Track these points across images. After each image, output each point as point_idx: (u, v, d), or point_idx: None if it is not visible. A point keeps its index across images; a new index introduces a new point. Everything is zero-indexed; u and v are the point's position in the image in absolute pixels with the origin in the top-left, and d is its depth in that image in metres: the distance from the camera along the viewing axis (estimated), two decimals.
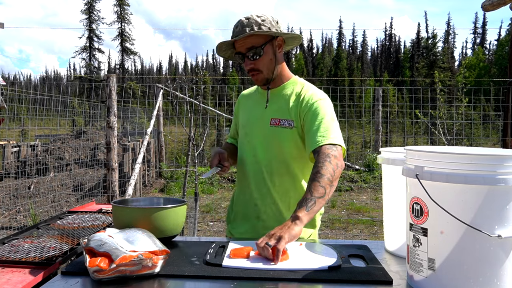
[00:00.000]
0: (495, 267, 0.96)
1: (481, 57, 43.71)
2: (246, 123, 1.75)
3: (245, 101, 1.84)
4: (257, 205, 1.69)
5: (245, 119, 1.76)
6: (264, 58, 1.59)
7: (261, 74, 1.62)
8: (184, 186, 4.50)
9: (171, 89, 6.05)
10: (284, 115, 1.64)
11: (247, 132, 1.73)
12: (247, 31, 1.55)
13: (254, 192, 1.70)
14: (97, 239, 1.12)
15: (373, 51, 71.65)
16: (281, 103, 1.67)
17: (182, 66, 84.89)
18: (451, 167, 0.96)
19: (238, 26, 1.58)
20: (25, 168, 7.48)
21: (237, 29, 1.59)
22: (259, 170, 1.68)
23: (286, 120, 1.63)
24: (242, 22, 1.58)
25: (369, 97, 14.27)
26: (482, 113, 10.10)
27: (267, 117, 1.67)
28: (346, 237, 5.33)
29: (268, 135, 1.65)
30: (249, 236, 1.67)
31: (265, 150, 1.67)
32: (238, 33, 1.57)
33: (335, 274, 1.13)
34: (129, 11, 41.54)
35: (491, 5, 4.79)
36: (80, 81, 41.52)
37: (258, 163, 1.68)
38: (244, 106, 1.83)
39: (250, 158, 1.70)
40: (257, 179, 1.68)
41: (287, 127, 1.62)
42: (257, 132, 1.69)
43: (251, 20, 1.57)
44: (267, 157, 1.66)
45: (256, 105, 1.75)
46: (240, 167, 1.77)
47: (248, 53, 1.59)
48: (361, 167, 8.71)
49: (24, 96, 7.62)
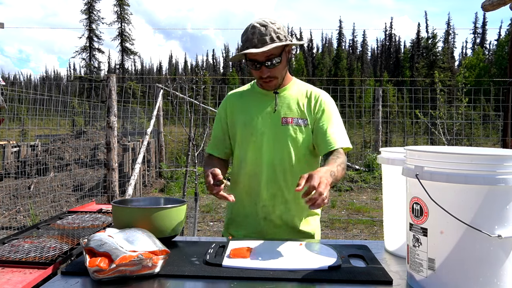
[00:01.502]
0: (495, 267, 0.96)
1: (481, 57, 43.70)
2: (250, 123, 1.70)
3: (239, 101, 1.79)
4: (266, 205, 1.68)
5: (247, 119, 1.72)
6: (280, 66, 1.63)
7: (276, 80, 1.65)
8: (184, 186, 4.50)
9: (171, 89, 6.05)
10: (296, 114, 1.68)
11: (252, 132, 1.69)
12: (267, 40, 1.55)
13: (263, 193, 1.68)
14: (97, 239, 1.12)
15: (373, 51, 71.65)
16: (289, 102, 1.70)
17: (182, 66, 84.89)
18: (451, 167, 0.96)
19: (256, 34, 1.56)
20: (25, 168, 7.48)
21: (254, 37, 1.56)
22: (271, 170, 1.67)
23: (299, 119, 1.67)
24: (260, 30, 1.56)
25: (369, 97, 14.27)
26: (482, 113, 10.10)
27: (276, 116, 1.68)
28: (346, 237, 5.33)
29: (280, 134, 1.66)
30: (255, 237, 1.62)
31: (277, 149, 1.66)
32: (259, 42, 1.55)
33: (335, 274, 1.13)
34: (129, 11, 41.56)
35: (491, 5, 4.80)
36: (80, 81, 41.50)
37: (270, 163, 1.67)
38: (240, 107, 1.77)
39: (259, 158, 1.67)
40: (268, 179, 1.67)
41: (301, 125, 1.67)
42: (267, 132, 1.67)
43: (269, 28, 1.57)
44: (280, 156, 1.67)
45: (257, 105, 1.72)
46: (244, 168, 1.72)
47: (266, 61, 1.59)
48: (361, 167, 8.71)
49: (24, 96, 7.62)
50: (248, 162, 1.70)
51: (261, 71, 1.61)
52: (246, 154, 1.71)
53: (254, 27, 1.58)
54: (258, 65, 1.60)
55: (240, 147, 1.74)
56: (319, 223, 1.81)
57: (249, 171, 1.70)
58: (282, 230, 1.70)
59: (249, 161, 1.70)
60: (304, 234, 1.72)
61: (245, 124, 1.72)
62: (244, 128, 1.72)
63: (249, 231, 1.71)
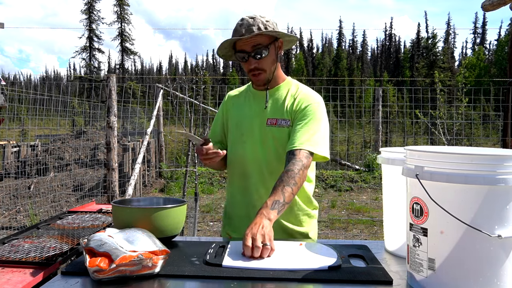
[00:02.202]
0: (495, 267, 0.96)
1: (481, 57, 43.69)
2: (241, 123, 1.72)
3: (235, 102, 1.81)
4: (256, 206, 1.68)
5: (239, 119, 1.74)
6: (268, 58, 1.62)
7: (264, 73, 1.64)
8: (184, 186, 4.50)
9: (171, 89, 6.05)
10: (281, 115, 1.66)
11: (243, 133, 1.71)
12: (254, 30, 1.56)
13: (253, 193, 1.68)
14: (97, 239, 1.12)
15: (373, 51, 71.64)
16: (277, 103, 1.69)
17: (182, 66, 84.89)
18: (451, 167, 0.96)
19: (243, 25, 1.58)
20: (25, 168, 7.48)
21: (242, 28, 1.58)
22: (259, 170, 1.67)
23: (283, 120, 1.66)
24: (248, 21, 1.58)
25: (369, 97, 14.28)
26: (482, 113, 10.09)
27: (263, 117, 1.68)
28: (346, 237, 5.33)
29: (265, 134, 1.66)
30: None
31: (264, 150, 1.67)
32: (246, 31, 1.57)
33: (335, 274, 1.13)
34: (129, 11, 41.57)
35: (491, 5, 4.80)
36: (80, 81, 41.50)
37: (258, 163, 1.67)
38: (235, 106, 1.79)
39: (249, 158, 1.68)
40: (257, 180, 1.68)
41: (283, 126, 1.65)
42: (255, 132, 1.68)
43: (257, 19, 1.59)
44: (267, 157, 1.67)
45: (249, 105, 1.73)
46: (236, 168, 1.73)
47: (253, 51, 1.59)
48: (361, 167, 8.71)
49: (24, 96, 7.62)
50: (239, 163, 1.71)
51: (249, 62, 1.61)
52: (237, 154, 1.72)
53: (242, 19, 1.61)
54: (246, 57, 1.61)
55: (232, 147, 1.75)
56: (315, 224, 1.79)
57: (240, 172, 1.71)
58: (275, 231, 1.70)
59: (240, 161, 1.71)
60: (298, 234, 1.71)
61: (237, 125, 1.74)
62: (235, 128, 1.74)
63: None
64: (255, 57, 1.60)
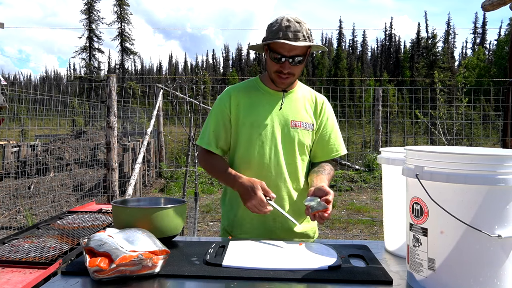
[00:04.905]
0: (495, 267, 0.96)
1: (482, 57, 43.67)
2: (259, 123, 1.66)
3: (245, 100, 1.71)
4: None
5: (255, 118, 1.67)
6: (301, 66, 1.66)
7: (292, 77, 1.67)
8: (184, 186, 4.50)
9: (171, 89, 6.05)
10: (304, 118, 1.71)
11: (262, 133, 1.66)
12: (300, 36, 1.58)
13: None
14: (97, 239, 1.12)
15: (373, 51, 71.64)
16: (296, 106, 1.72)
17: (182, 66, 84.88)
18: (451, 167, 0.96)
19: (291, 28, 1.57)
20: (25, 168, 7.48)
21: (288, 31, 1.56)
22: (279, 172, 1.66)
23: (306, 123, 1.71)
24: (295, 26, 1.58)
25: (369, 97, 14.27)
26: (482, 113, 10.09)
27: (286, 119, 1.68)
28: (346, 237, 5.33)
29: (290, 136, 1.68)
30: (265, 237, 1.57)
31: (287, 152, 1.68)
32: (293, 37, 1.56)
33: (335, 274, 1.13)
34: (129, 11, 41.51)
35: (491, 5, 4.80)
36: (80, 81, 41.47)
37: (279, 165, 1.66)
38: (246, 105, 1.70)
39: (269, 160, 1.65)
40: (277, 181, 1.66)
41: (308, 130, 1.71)
42: (277, 134, 1.67)
43: (303, 26, 1.60)
44: (290, 159, 1.68)
45: (263, 105, 1.69)
46: (252, 169, 1.66)
47: (291, 57, 1.59)
48: (361, 167, 8.71)
49: (24, 96, 7.60)
50: (255, 164, 1.66)
51: (283, 66, 1.61)
52: (253, 155, 1.66)
53: (289, 20, 1.59)
54: (282, 59, 1.60)
55: (246, 147, 1.68)
56: (315, 224, 1.80)
57: (255, 173, 1.64)
58: (276, 231, 1.70)
59: (256, 162, 1.66)
60: (298, 234, 1.73)
61: (253, 124, 1.67)
62: (251, 128, 1.67)
63: (260, 233, 1.67)
64: (292, 63, 1.60)
